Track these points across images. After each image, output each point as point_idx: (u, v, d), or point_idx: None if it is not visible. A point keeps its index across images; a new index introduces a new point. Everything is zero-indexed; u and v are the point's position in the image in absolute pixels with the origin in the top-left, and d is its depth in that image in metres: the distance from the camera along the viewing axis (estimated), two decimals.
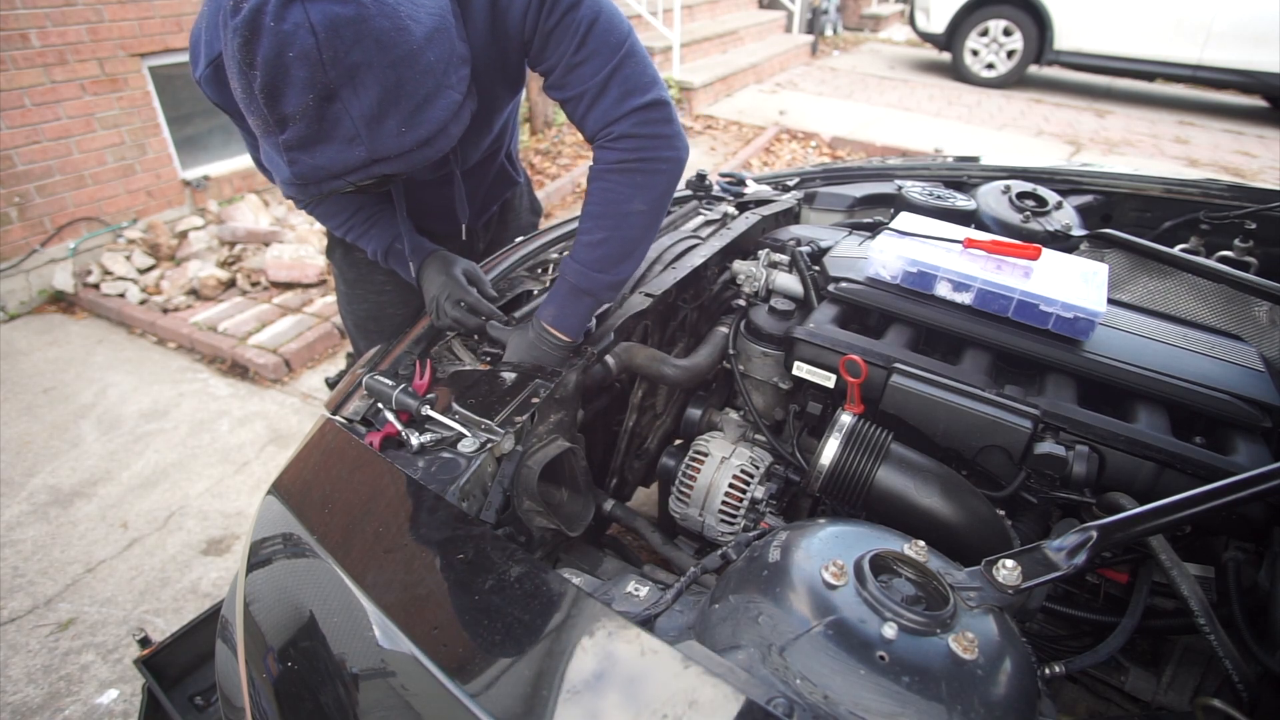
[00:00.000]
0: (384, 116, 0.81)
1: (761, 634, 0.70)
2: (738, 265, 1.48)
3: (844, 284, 1.31)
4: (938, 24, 7.79)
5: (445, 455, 1.00)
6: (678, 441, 1.54)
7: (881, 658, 0.65)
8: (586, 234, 1.14)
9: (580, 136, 5.80)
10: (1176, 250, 1.52)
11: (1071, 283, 1.20)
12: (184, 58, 3.94)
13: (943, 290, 1.24)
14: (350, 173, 0.84)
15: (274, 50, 0.75)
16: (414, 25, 0.81)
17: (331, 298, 3.54)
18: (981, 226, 1.65)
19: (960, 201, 1.68)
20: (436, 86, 0.85)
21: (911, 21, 8.35)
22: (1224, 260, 1.61)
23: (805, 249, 1.47)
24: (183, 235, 3.90)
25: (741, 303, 1.44)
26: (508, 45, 1.06)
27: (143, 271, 3.69)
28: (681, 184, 1.91)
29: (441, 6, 0.87)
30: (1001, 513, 1.05)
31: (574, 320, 1.16)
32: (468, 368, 1.19)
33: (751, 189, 1.94)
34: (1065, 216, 1.67)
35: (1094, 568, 1.07)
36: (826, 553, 0.75)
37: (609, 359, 1.25)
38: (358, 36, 0.76)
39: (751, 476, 1.26)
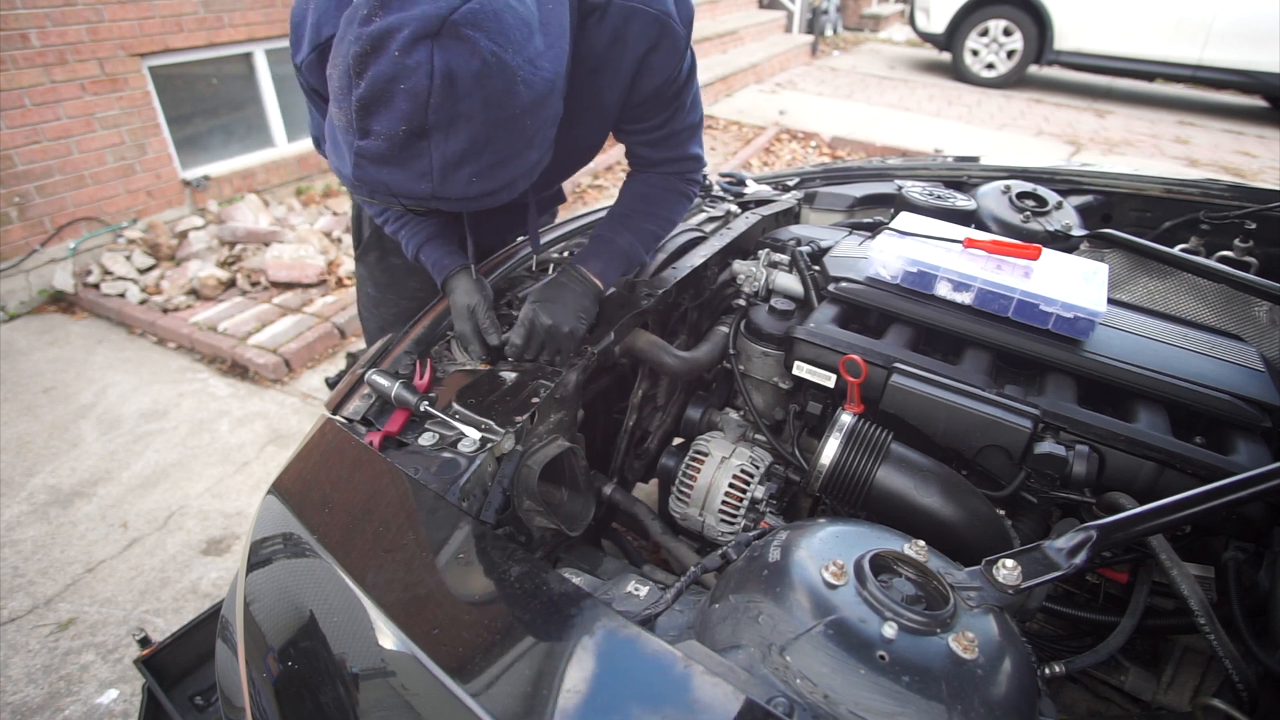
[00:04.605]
0: (462, 165, 0.81)
1: (761, 634, 0.70)
2: (738, 265, 1.48)
3: (844, 284, 1.31)
4: (938, 24, 7.80)
5: (445, 455, 1.00)
6: (678, 441, 1.54)
7: (881, 657, 0.65)
8: (643, 219, 1.32)
9: None
10: (1176, 250, 1.52)
11: (1071, 283, 1.20)
12: (183, 58, 3.94)
13: (943, 290, 1.24)
14: (408, 199, 0.85)
15: (386, 75, 0.74)
16: (525, 90, 0.81)
17: (332, 298, 3.54)
18: (981, 226, 1.65)
19: (960, 201, 1.68)
20: (521, 148, 0.86)
21: (911, 21, 8.35)
22: (1224, 260, 1.61)
23: (805, 249, 1.47)
24: (183, 235, 3.90)
25: (741, 302, 1.45)
26: (630, 101, 1.17)
27: (143, 271, 3.69)
28: None
29: (557, 68, 0.88)
30: (1001, 512, 1.05)
31: (612, 276, 1.28)
32: (468, 367, 1.19)
33: (751, 189, 1.94)
34: (1065, 216, 1.67)
35: (1094, 568, 1.07)
36: (826, 552, 0.75)
37: (613, 337, 1.26)
38: (470, 91, 0.76)
39: (751, 476, 1.26)
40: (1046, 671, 0.86)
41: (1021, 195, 1.71)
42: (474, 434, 1.03)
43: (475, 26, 0.74)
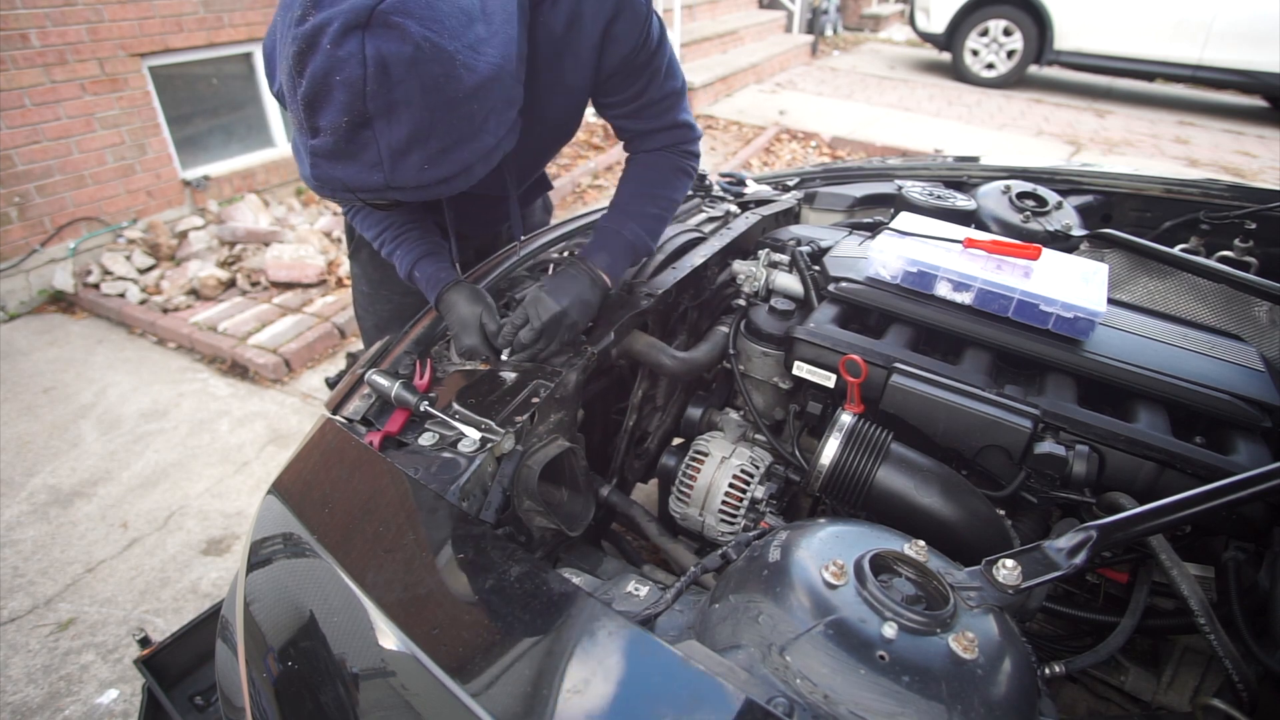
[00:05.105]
0: (409, 151, 0.83)
1: (761, 634, 0.70)
2: (738, 265, 1.48)
3: (844, 284, 1.31)
4: (938, 24, 7.80)
5: (445, 455, 1.00)
6: (678, 441, 1.54)
7: (881, 657, 0.65)
8: (646, 204, 1.30)
9: (579, 137, 5.80)
10: (1176, 250, 1.52)
11: (1071, 283, 1.20)
12: (183, 57, 3.95)
13: (943, 290, 1.24)
14: (365, 192, 0.86)
15: (323, 69, 0.77)
16: (466, 75, 0.82)
17: (332, 298, 3.54)
18: (981, 226, 1.65)
19: (960, 201, 1.67)
20: (471, 132, 0.87)
21: (911, 21, 8.35)
22: (1224, 260, 1.61)
23: (805, 249, 1.47)
24: (183, 235, 3.90)
25: (741, 302, 1.45)
26: (600, 75, 1.16)
27: (143, 271, 3.69)
28: None
29: (505, 53, 0.88)
30: (1001, 513, 1.05)
31: (619, 270, 1.28)
32: (468, 367, 1.19)
33: (751, 189, 1.94)
34: (1065, 216, 1.67)
35: (1094, 568, 1.07)
36: (826, 552, 0.75)
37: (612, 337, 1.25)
38: (405, 77, 0.78)
39: (751, 476, 1.26)
40: (1046, 671, 0.86)
41: (1021, 195, 1.71)
42: (474, 434, 1.03)
43: (405, 14, 0.76)
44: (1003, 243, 1.27)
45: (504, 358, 1.18)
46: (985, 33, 7.62)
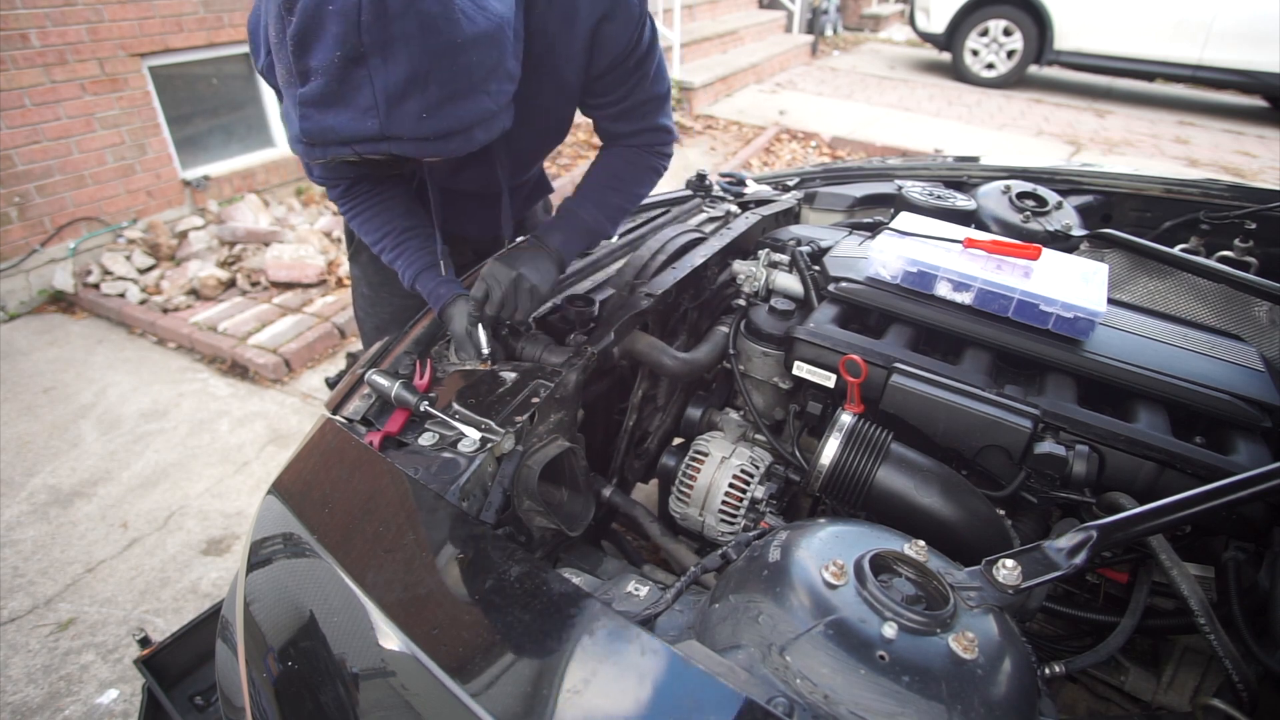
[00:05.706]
0: (406, 97, 0.80)
1: (761, 634, 0.70)
2: (738, 265, 1.48)
3: (844, 284, 1.31)
4: (938, 24, 7.80)
5: (445, 455, 1.00)
6: (678, 441, 1.54)
7: (881, 657, 0.65)
8: (609, 193, 1.32)
9: (578, 137, 5.80)
10: (1176, 250, 1.52)
11: (1071, 282, 1.20)
12: (183, 57, 3.95)
13: (943, 290, 1.24)
14: (359, 142, 0.82)
15: (315, 0, 0.75)
16: (464, 21, 0.81)
17: (332, 298, 3.54)
18: (981, 226, 1.65)
19: (960, 201, 1.67)
20: (470, 88, 0.85)
21: (911, 21, 8.35)
22: (1224, 260, 1.61)
23: (805, 249, 1.47)
24: (183, 235, 3.90)
25: (741, 302, 1.45)
26: (590, 74, 1.17)
27: (143, 271, 3.69)
28: (681, 183, 1.92)
29: (502, 16, 0.87)
30: (1001, 512, 1.05)
31: (574, 248, 1.30)
32: (468, 367, 1.19)
33: (751, 189, 1.94)
34: (1065, 216, 1.67)
35: (1094, 568, 1.07)
36: (826, 552, 0.75)
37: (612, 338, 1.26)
38: (403, 11, 0.76)
39: (751, 476, 1.26)
40: (1046, 671, 0.86)
41: (1021, 195, 1.71)
42: (474, 434, 1.03)
43: None
44: (1003, 243, 1.27)
45: (493, 365, 1.19)
46: (985, 33, 7.62)
